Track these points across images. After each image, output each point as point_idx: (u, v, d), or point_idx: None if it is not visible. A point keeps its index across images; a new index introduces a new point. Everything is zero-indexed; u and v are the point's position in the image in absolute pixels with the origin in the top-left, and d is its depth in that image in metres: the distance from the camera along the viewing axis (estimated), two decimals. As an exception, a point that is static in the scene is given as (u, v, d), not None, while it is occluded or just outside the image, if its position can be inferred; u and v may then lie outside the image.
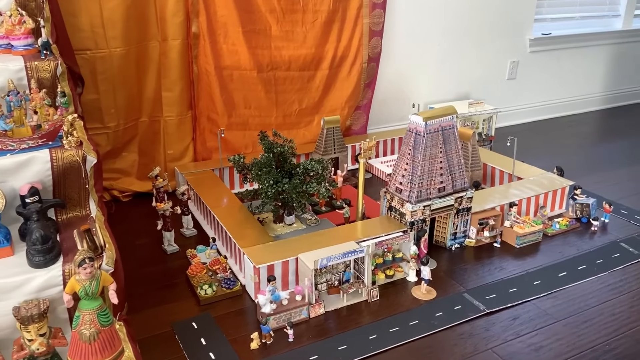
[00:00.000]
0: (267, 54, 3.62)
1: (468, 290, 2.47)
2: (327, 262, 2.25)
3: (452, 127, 2.66)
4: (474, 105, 4.23)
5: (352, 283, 2.41)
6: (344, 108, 4.03)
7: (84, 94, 3.13)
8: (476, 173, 3.40)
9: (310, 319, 2.27)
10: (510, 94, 5.05)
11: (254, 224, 2.71)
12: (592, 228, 3.03)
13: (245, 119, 3.71)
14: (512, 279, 2.55)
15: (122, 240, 2.90)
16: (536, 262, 2.71)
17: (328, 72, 3.88)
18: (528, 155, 4.17)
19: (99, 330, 1.62)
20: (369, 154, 2.77)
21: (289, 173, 2.79)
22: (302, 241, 2.55)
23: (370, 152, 2.79)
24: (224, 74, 3.54)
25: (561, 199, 3.23)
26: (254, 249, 2.44)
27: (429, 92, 4.57)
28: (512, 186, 3.23)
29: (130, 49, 3.20)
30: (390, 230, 2.62)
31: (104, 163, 3.38)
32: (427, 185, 2.65)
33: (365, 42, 3.96)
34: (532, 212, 3.11)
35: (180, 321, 2.25)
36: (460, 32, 4.52)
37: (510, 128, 5.02)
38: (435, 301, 2.39)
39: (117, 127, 3.32)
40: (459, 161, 2.72)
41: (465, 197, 2.76)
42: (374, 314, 2.32)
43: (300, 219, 2.98)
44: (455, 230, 2.82)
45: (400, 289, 2.50)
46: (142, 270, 2.65)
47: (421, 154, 2.59)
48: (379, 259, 2.54)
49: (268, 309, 2.15)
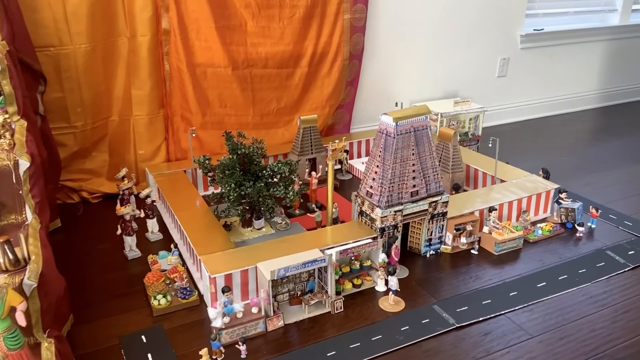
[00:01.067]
0: (242, 50, 3.49)
1: (439, 301, 2.33)
2: (285, 272, 2.12)
3: (425, 127, 2.52)
4: (460, 104, 4.08)
5: (315, 294, 2.28)
6: (325, 107, 3.89)
7: (48, 92, 3.01)
8: (457, 175, 3.25)
9: (267, 332, 2.14)
10: (500, 92, 4.90)
11: (218, 229, 2.59)
12: (577, 234, 2.89)
13: (220, 118, 3.58)
14: (487, 290, 2.41)
15: (84, 245, 2.82)
16: (515, 271, 2.57)
17: (307, 70, 3.74)
18: (517, 156, 4.03)
19: (5, 355, 1.49)
20: (338, 155, 2.63)
21: (255, 175, 2.66)
22: (265, 248, 2.42)
23: (340, 154, 2.66)
24: (197, 71, 3.40)
25: (546, 203, 3.08)
26: (212, 257, 2.32)
27: (414, 90, 4.43)
28: (493, 189, 3.08)
29: (97, 46, 3.07)
30: (360, 236, 2.49)
31: (72, 163, 3.28)
32: (399, 189, 2.51)
33: (346, 39, 3.82)
34: (515, 217, 2.97)
35: (130, 334, 2.12)
36: (447, 27, 4.37)
37: (501, 127, 4.88)
38: (403, 313, 2.26)
39: (85, 127, 3.20)
40: (434, 163, 2.58)
41: (440, 201, 2.62)
42: (337, 327, 2.18)
43: (270, 223, 2.85)
44: (430, 237, 2.69)
45: (368, 299, 2.36)
46: (100, 277, 2.53)
47: (392, 156, 2.45)
48: (346, 268, 2.41)
49: (219, 323, 2.02)
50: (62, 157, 3.16)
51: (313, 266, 2.18)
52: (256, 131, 3.71)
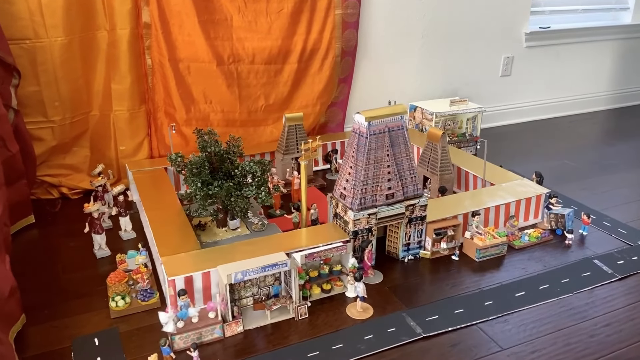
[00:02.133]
0: (227, 45, 3.41)
1: (409, 309, 2.21)
2: (243, 276, 2.02)
3: (401, 127, 2.40)
4: (457, 104, 3.94)
5: (279, 299, 2.18)
6: (316, 104, 3.79)
7: (23, 86, 2.96)
8: (446, 177, 3.13)
9: (225, 338, 2.05)
10: (504, 91, 4.74)
11: (186, 229, 2.51)
12: (566, 241, 2.74)
13: (206, 115, 3.50)
14: (461, 298, 2.29)
15: (56, 242, 2.77)
16: (494, 279, 2.44)
17: (297, 66, 3.65)
18: (517, 158, 3.90)
19: None
20: (311, 155, 2.53)
21: (227, 175, 2.57)
22: (232, 250, 2.33)
23: (315, 153, 2.56)
24: (180, 66, 3.33)
25: (536, 208, 2.93)
26: (174, 258, 2.24)
27: (412, 89, 4.30)
28: (481, 193, 2.95)
29: (73, 39, 3.01)
30: (334, 239, 2.39)
31: (52, 158, 3.24)
32: (373, 192, 2.40)
33: (337, 35, 3.71)
34: (502, 222, 2.83)
35: (83, 336, 2.06)
36: (447, 24, 4.23)
37: (504, 128, 4.73)
38: (370, 321, 2.15)
39: (63, 121, 3.14)
40: (411, 165, 2.46)
41: (418, 204, 2.50)
42: (298, 334, 2.09)
43: (247, 224, 2.76)
44: (408, 241, 2.57)
45: (337, 305, 2.26)
46: (64, 276, 2.48)
47: (364, 157, 2.35)
48: (314, 272, 2.31)
49: (171, 328, 1.94)
50: (40, 151, 3.12)
51: (273, 270, 2.08)
52: (244, 128, 3.63)
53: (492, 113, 4.69)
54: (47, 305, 2.26)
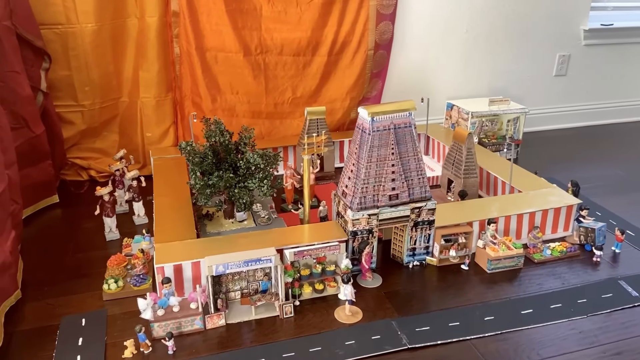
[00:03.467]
0: (256, 35, 3.38)
1: (401, 317, 2.09)
2: (225, 269, 1.99)
3: (409, 125, 2.27)
4: (497, 103, 3.71)
5: (265, 295, 2.13)
6: (345, 99, 3.69)
7: (55, 70, 3.08)
8: (470, 181, 2.94)
9: (206, 330, 2.03)
10: (557, 92, 4.43)
11: (187, 218, 2.50)
12: (594, 258, 2.50)
13: (232, 105, 3.50)
14: (460, 310, 2.14)
15: (73, 222, 2.86)
16: (503, 293, 2.26)
17: (327, 59, 3.57)
18: (562, 165, 3.64)
19: None
20: (316, 150, 2.45)
21: (232, 166, 2.55)
22: (227, 241, 2.31)
23: (320, 148, 2.47)
24: (207, 55, 3.35)
25: (567, 220, 2.70)
26: (168, 245, 2.24)
27: (452, 86, 4.09)
28: (504, 199, 2.76)
29: (104, 25, 3.09)
30: (334, 237, 2.31)
31: (83, 141, 3.36)
32: (374, 191, 2.29)
33: (371, 27, 3.59)
34: (525, 232, 2.63)
35: (72, 316, 2.10)
36: (495, 17, 3.98)
37: (554, 132, 4.42)
38: (357, 326, 2.05)
39: (93, 106, 3.25)
40: (419, 166, 2.33)
41: (424, 208, 2.36)
42: (280, 332, 2.03)
43: (255, 217, 2.73)
44: (413, 246, 2.44)
45: (327, 306, 2.17)
46: (72, 256, 2.55)
47: (366, 154, 2.24)
48: (306, 270, 2.23)
49: (148, 315, 1.93)
50: (70, 134, 3.25)
51: (256, 265, 2.03)
52: (270, 120, 3.61)
53: (542, 115, 4.40)
54: (49, 282, 2.33)
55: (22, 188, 2.71)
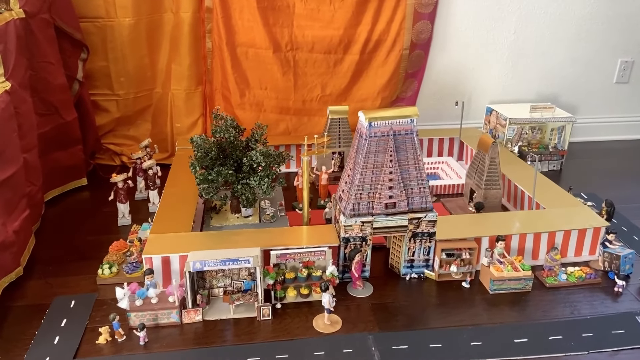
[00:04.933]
0: (286, 32, 3.36)
1: (380, 332, 2.00)
2: (202, 266, 1.99)
3: (410, 132, 2.16)
4: (539, 110, 3.46)
5: (244, 295, 2.11)
6: (377, 99, 3.59)
7: (94, 61, 3.23)
8: (492, 193, 2.76)
9: (182, 324, 2.04)
10: (618, 101, 4.06)
11: (188, 210, 2.53)
12: (616, 288, 2.26)
13: (260, 100, 3.51)
14: (447, 331, 2.01)
15: (94, 205, 2.98)
16: (501, 316, 2.10)
17: (359, 58, 3.48)
18: (610, 181, 3.34)
19: None
20: (317, 151, 2.39)
21: (237, 162, 2.55)
22: (220, 237, 2.32)
23: (321, 150, 2.41)
24: (237, 51, 3.37)
25: (593, 243, 2.47)
26: (162, 236, 2.28)
27: (496, 90, 3.86)
28: (523, 215, 2.57)
29: (140, 19, 3.20)
30: (328, 242, 2.25)
31: (118, 129, 3.51)
32: (370, 198, 2.20)
33: (407, 26, 3.46)
34: (543, 253, 2.43)
35: (64, 297, 2.19)
36: (547, 18, 3.69)
37: (612, 144, 4.06)
38: (332, 337, 1.99)
39: (127, 95, 3.38)
40: (420, 175, 2.21)
41: (424, 219, 2.24)
42: (253, 334, 2.00)
43: (261, 213, 2.73)
44: (411, 257, 2.32)
45: (308, 313, 2.12)
46: (84, 238, 2.66)
47: (362, 159, 2.15)
48: (290, 274, 2.19)
49: (125, 304, 1.98)
50: (105, 121, 3.40)
51: (234, 265, 2.02)
52: (297, 117, 3.58)
53: (598, 125, 4.06)
54: (55, 262, 2.45)
55: (50, 170, 2.89)
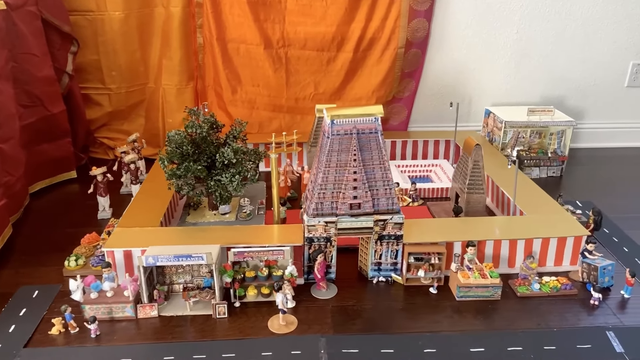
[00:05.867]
0: (278, 28, 3.33)
1: (334, 335, 1.95)
2: (155, 261, 1.98)
3: (374, 131, 2.10)
4: (537, 113, 3.33)
5: (201, 292, 2.09)
6: (371, 98, 3.53)
7: (85, 55, 3.28)
8: (475, 197, 2.67)
9: (137, 319, 2.04)
10: (630, 106, 3.89)
11: (160, 205, 2.53)
12: (591, 301, 2.15)
13: (252, 97, 3.50)
14: (403, 337, 1.94)
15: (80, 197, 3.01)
16: (462, 325, 2.02)
17: (353, 55, 3.43)
18: (612, 189, 3.21)
19: None
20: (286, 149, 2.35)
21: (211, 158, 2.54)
22: (186, 233, 2.32)
23: (292, 147, 2.37)
24: (228, 46, 3.37)
25: (574, 252, 2.35)
26: (128, 230, 2.29)
27: (499, 92, 3.75)
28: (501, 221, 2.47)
29: (131, 13, 3.23)
30: (288, 242, 2.21)
31: (112, 123, 3.54)
32: (333, 198, 2.15)
33: (403, 24, 3.38)
34: (519, 260, 2.34)
35: (30, 286, 2.22)
36: (552, 17, 3.56)
37: (622, 151, 3.88)
38: (283, 338, 1.94)
39: (119, 90, 3.41)
40: (385, 175, 2.14)
41: (390, 221, 2.18)
42: (205, 332, 1.98)
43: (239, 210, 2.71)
44: (378, 260, 2.26)
45: (267, 312, 2.08)
46: (63, 230, 2.69)
47: (324, 158, 2.11)
48: (251, 272, 2.16)
49: (78, 297, 1.98)
50: (97, 115, 3.45)
51: (188, 261, 2.00)
52: (290, 115, 3.56)
53: (608, 131, 3.89)
54: (30, 252, 2.49)
55: (37, 162, 2.94)
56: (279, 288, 1.99)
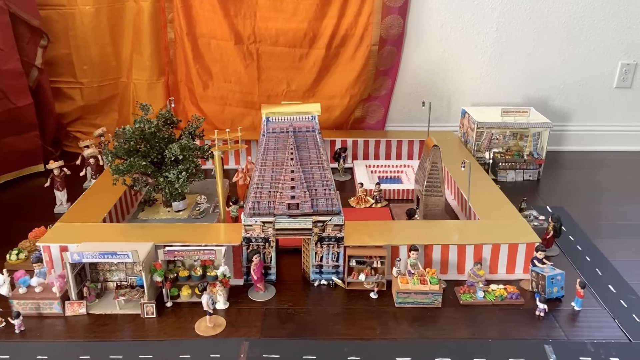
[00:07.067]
0: (249, 24, 3.29)
1: (260, 339, 1.90)
2: (80, 258, 1.95)
3: (312, 129, 2.04)
4: (512, 114, 3.22)
5: (130, 291, 2.06)
6: (345, 96, 3.46)
7: (58, 48, 3.29)
8: (433, 200, 2.59)
9: (65, 316, 2.01)
10: (618, 108, 3.74)
11: (107, 201, 2.51)
12: (537, 312, 2.05)
13: (224, 93, 3.46)
14: (328, 344, 1.88)
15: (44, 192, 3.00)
16: (396, 333, 1.95)
17: (325, 52, 3.36)
18: (595, 196, 3.08)
19: None
20: (232, 147, 2.30)
21: (160, 154, 2.51)
22: (126, 230, 2.30)
23: (237, 145, 2.32)
24: (199, 42, 3.33)
25: (527, 260, 2.26)
26: (69, 225, 2.27)
27: (477, 91, 3.64)
28: (451, 225, 2.38)
29: (101, 8, 3.22)
30: (227, 241, 2.17)
31: (86, 117, 3.55)
32: (270, 197, 2.10)
33: (376, 20, 3.31)
34: (469, 266, 2.25)
35: (-32, 279, 2.21)
36: (533, 14, 3.43)
37: (609, 155, 3.73)
38: (207, 340, 1.90)
39: (91, 84, 3.41)
40: (324, 175, 2.08)
41: (330, 223, 2.12)
42: (129, 332, 1.95)
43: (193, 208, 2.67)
44: (320, 262, 2.20)
45: (198, 314, 2.03)
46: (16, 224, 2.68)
47: (260, 156, 2.06)
48: (184, 272, 2.12)
49: (4, 291, 1.97)
50: (70, 109, 3.46)
51: (113, 259, 1.97)
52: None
53: (594, 134, 3.75)
54: (-21, 245, 2.49)
55: (3, 155, 2.94)
56: (203, 289, 1.94)
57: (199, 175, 2.48)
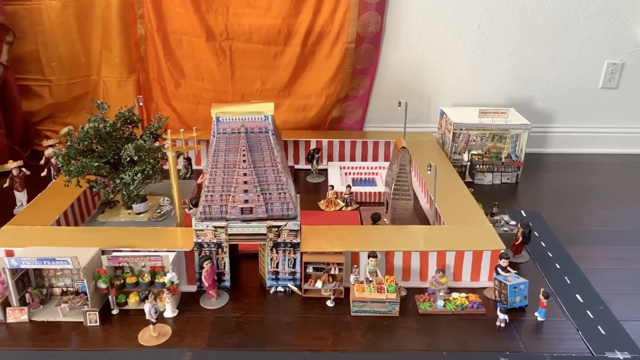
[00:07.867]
0: (221, 20, 3.20)
1: (204, 349, 1.82)
2: (18, 263, 1.87)
3: (264, 130, 1.96)
4: (489, 115, 3.12)
5: (73, 297, 1.99)
6: (321, 95, 3.37)
7: (25, 45, 3.21)
8: (401, 204, 2.50)
9: (7, 323, 1.94)
10: (604, 109, 3.63)
11: (62, 203, 2.43)
12: (497, 322, 1.96)
13: (197, 92, 3.38)
14: (276, 355, 1.80)
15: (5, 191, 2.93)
16: (346, 344, 1.87)
17: (301, 50, 3.27)
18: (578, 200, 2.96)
19: None
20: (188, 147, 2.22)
21: (117, 155, 2.43)
22: (77, 234, 2.23)
23: (191, 146, 2.24)
24: (170, 38, 3.25)
25: (491, 268, 2.16)
26: (18, 228, 2.20)
27: (458, 91, 3.54)
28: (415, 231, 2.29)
29: (69, 3, 3.14)
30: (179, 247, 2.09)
31: (57, 115, 3.47)
32: (222, 201, 2.01)
33: (352, 17, 3.21)
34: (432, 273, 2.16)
35: None
36: (517, 11, 3.32)
37: (594, 157, 3.62)
38: (148, 350, 1.83)
39: (60, 82, 3.33)
40: (278, 179, 2.00)
41: (285, 228, 2.03)
42: (70, 340, 1.87)
43: (154, 211, 2.60)
44: (276, 269, 2.12)
45: (146, 322, 1.95)
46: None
47: (211, 158, 1.97)
48: (131, 279, 2.04)
49: (-58, 296, 1.90)
50: (39, 107, 3.39)
51: (52, 265, 1.89)
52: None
53: (579, 135, 3.65)
54: None
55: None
56: (144, 297, 1.86)
57: (155, 176, 2.39)
